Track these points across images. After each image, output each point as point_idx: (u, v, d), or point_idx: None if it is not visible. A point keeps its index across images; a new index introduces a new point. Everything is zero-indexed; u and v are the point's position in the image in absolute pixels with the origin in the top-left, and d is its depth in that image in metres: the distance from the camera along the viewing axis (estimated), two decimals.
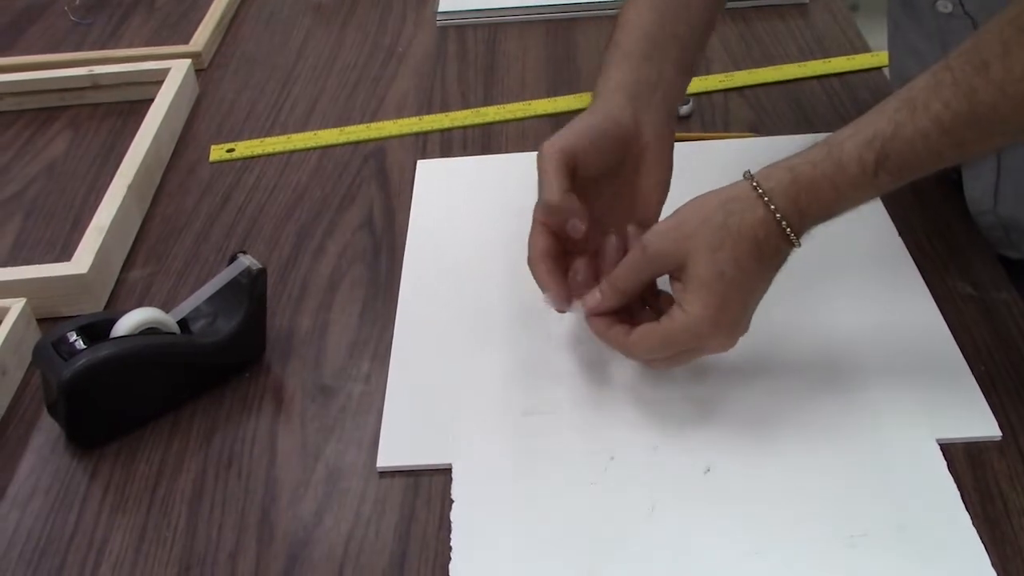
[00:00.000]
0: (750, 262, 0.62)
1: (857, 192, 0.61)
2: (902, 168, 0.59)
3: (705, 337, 0.63)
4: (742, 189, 0.63)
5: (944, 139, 0.58)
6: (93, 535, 0.65)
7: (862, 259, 0.79)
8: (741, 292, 0.63)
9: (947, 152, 0.59)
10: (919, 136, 0.58)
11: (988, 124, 0.57)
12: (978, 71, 0.56)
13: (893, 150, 0.59)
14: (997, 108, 0.56)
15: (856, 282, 0.77)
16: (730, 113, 1.01)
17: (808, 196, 0.61)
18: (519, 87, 1.09)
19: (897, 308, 0.75)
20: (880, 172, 0.59)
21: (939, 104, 0.57)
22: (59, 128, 1.09)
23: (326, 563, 0.62)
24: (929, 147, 0.58)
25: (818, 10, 1.18)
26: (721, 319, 0.63)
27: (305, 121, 1.06)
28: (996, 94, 0.56)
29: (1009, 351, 0.71)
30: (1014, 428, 0.66)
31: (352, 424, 0.71)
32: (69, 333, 0.70)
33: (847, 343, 0.72)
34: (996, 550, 0.59)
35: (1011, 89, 0.55)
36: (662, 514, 0.62)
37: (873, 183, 0.60)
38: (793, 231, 0.62)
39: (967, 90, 0.56)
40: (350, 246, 0.88)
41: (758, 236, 0.62)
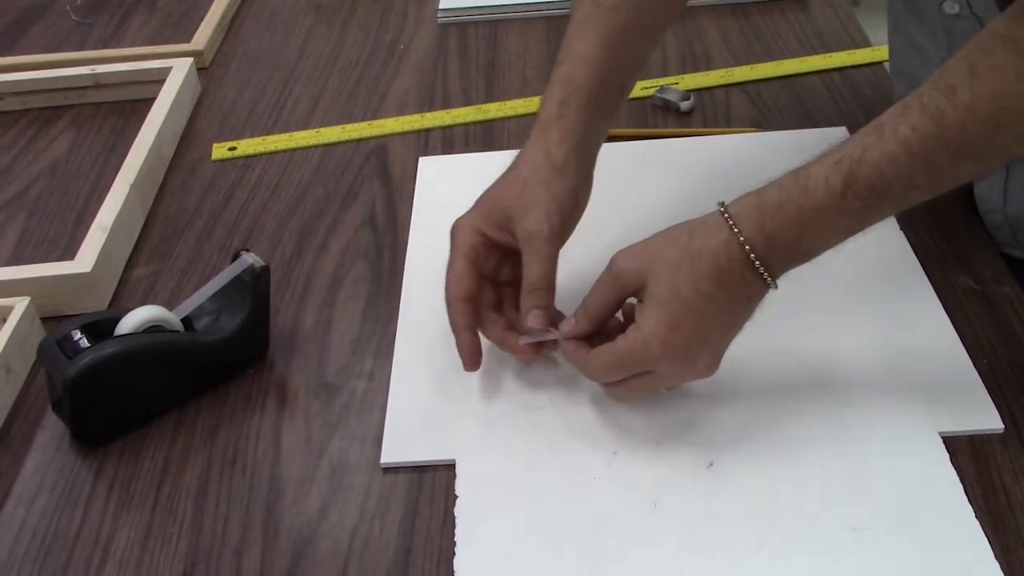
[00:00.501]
0: (710, 286, 0.61)
1: (826, 217, 0.59)
2: (871, 191, 0.58)
3: (655, 359, 0.62)
4: (710, 215, 0.63)
5: (913, 162, 0.57)
6: (98, 532, 0.65)
7: (864, 253, 0.79)
8: (697, 317, 0.61)
9: (917, 177, 0.57)
10: (886, 158, 0.57)
11: (957, 147, 0.56)
12: (946, 95, 0.56)
13: (860, 172, 0.58)
14: (966, 131, 0.55)
15: (858, 276, 0.77)
16: (731, 108, 1.01)
17: (774, 220, 0.60)
18: (520, 83, 1.09)
19: (900, 302, 0.75)
20: (848, 194, 0.58)
21: (907, 127, 0.57)
22: (62, 127, 1.09)
23: (331, 559, 0.62)
24: (897, 170, 0.57)
25: (818, 5, 1.18)
26: (671, 340, 0.61)
27: (307, 119, 1.07)
28: (964, 116, 0.55)
29: (1011, 345, 0.71)
30: (1016, 421, 0.66)
31: (356, 421, 0.71)
32: (73, 331, 0.70)
33: (850, 337, 0.72)
34: (999, 542, 0.59)
35: (979, 111, 0.55)
36: (666, 509, 0.62)
37: (841, 207, 0.59)
38: (759, 259, 0.60)
39: (935, 113, 0.56)
40: (353, 243, 0.88)
41: (720, 260, 0.61)
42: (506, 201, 0.69)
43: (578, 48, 0.71)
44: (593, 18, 0.71)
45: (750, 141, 0.95)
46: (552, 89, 0.71)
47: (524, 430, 0.68)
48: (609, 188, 0.76)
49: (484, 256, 0.70)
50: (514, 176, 0.70)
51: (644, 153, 0.94)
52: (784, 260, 0.61)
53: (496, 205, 0.69)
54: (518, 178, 0.69)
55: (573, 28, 0.72)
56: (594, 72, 0.70)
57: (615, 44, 0.71)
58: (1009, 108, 0.54)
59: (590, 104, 0.71)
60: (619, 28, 0.71)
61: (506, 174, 0.71)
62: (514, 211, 0.68)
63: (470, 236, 0.69)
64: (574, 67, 0.71)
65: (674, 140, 0.96)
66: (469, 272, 0.69)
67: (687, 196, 0.88)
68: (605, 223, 0.84)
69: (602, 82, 0.71)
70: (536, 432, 0.68)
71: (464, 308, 0.69)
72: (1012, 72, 0.54)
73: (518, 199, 0.68)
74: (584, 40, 0.71)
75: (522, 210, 0.68)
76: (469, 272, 0.69)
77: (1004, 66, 0.54)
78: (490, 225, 0.69)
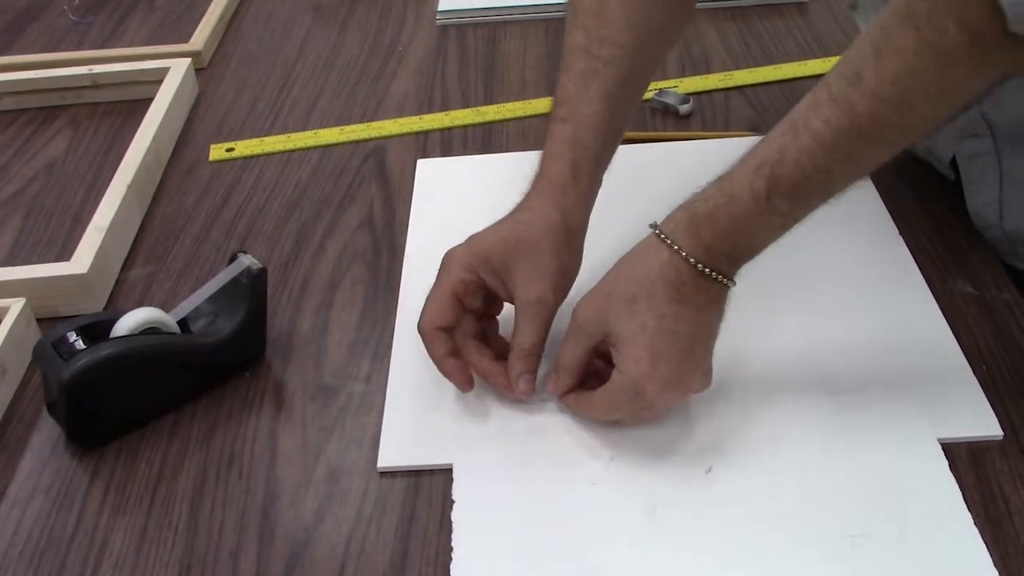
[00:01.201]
0: (671, 306, 0.61)
1: (756, 220, 0.60)
2: (795, 189, 0.58)
3: (650, 393, 0.62)
4: (648, 238, 0.63)
5: (829, 155, 0.57)
6: (94, 535, 0.65)
7: (863, 259, 0.79)
8: (675, 341, 0.61)
9: (837, 168, 0.58)
10: (804, 155, 0.57)
11: (870, 133, 0.56)
12: (852, 83, 0.55)
13: (782, 174, 0.58)
14: (877, 116, 0.55)
15: (857, 281, 0.77)
16: (730, 112, 1.01)
17: (708, 230, 0.61)
18: (519, 86, 1.09)
19: (898, 308, 0.74)
20: (773, 196, 0.58)
21: (819, 122, 0.56)
22: (59, 127, 1.09)
23: (327, 563, 0.62)
24: (816, 165, 0.57)
25: (818, 9, 1.18)
26: (657, 372, 0.61)
27: (305, 120, 1.06)
28: (872, 102, 0.55)
29: (1010, 350, 0.71)
30: (1016, 428, 0.66)
31: (353, 424, 0.71)
32: (69, 333, 0.70)
33: (848, 342, 0.72)
34: (997, 549, 0.59)
35: (886, 94, 0.54)
36: (663, 515, 0.62)
37: (769, 208, 0.59)
38: (706, 266, 0.61)
39: (844, 103, 0.55)
40: (350, 245, 0.87)
41: (670, 278, 0.61)
42: (514, 254, 0.68)
43: (580, 105, 0.71)
44: (591, 72, 0.71)
45: (749, 145, 0.94)
46: (559, 147, 0.70)
47: (521, 435, 0.68)
48: (608, 192, 0.75)
49: (472, 294, 0.69)
50: (526, 230, 0.68)
51: (643, 156, 0.94)
52: (731, 261, 0.62)
53: (502, 252, 0.68)
54: (531, 235, 0.68)
55: (573, 82, 0.71)
56: (599, 131, 0.71)
57: (615, 98, 0.71)
58: (914, 87, 0.54)
59: (597, 164, 0.71)
60: (617, 80, 0.71)
61: (516, 223, 0.69)
62: (519, 269, 0.67)
63: (463, 272, 0.68)
64: (579, 126, 0.70)
65: (673, 143, 0.96)
66: (452, 306, 0.68)
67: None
68: (604, 227, 0.84)
69: (607, 139, 0.72)
70: (533, 437, 0.68)
71: (441, 336, 0.69)
72: (911, 51, 0.53)
73: (527, 258, 0.67)
74: (585, 97, 0.71)
75: (529, 272, 0.67)
76: (452, 306, 0.68)
77: (904, 45, 0.53)
78: (487, 269, 0.68)
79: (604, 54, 0.71)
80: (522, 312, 0.68)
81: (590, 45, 0.71)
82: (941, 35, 0.52)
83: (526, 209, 0.70)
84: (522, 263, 0.68)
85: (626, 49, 0.71)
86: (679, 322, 0.61)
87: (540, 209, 0.69)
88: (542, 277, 0.67)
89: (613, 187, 0.78)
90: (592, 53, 0.71)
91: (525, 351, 0.68)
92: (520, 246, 0.68)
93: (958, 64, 0.52)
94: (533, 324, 0.67)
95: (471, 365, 0.69)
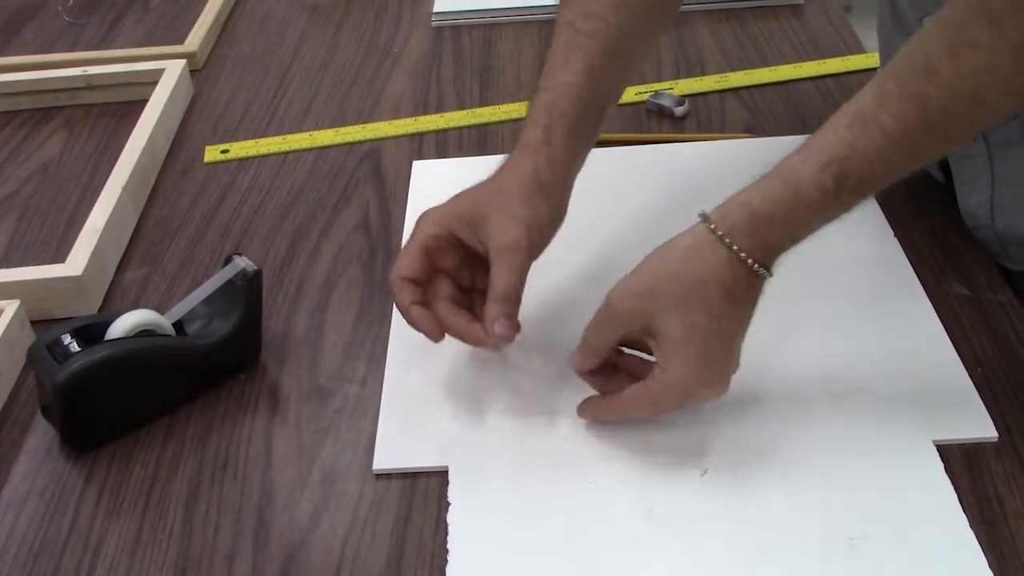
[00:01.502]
0: (723, 306, 0.61)
1: (820, 215, 0.60)
2: (861, 185, 0.59)
3: (695, 394, 0.63)
4: (700, 234, 0.62)
5: (898, 150, 0.57)
6: (88, 538, 0.65)
7: (858, 261, 0.79)
8: (721, 339, 0.62)
9: (902, 162, 0.58)
10: (873, 151, 0.57)
11: (940, 128, 0.56)
12: (925, 76, 0.55)
13: (851, 170, 0.58)
14: (948, 111, 0.55)
15: (852, 284, 0.77)
16: (725, 114, 1.01)
17: (768, 230, 0.60)
18: (515, 87, 1.09)
19: (893, 310, 0.75)
20: (842, 193, 0.59)
21: (889, 118, 0.56)
22: (53, 128, 1.09)
23: (322, 565, 0.62)
24: (884, 159, 0.57)
25: (813, 11, 1.18)
26: (705, 373, 0.62)
27: (300, 122, 1.06)
28: (946, 97, 0.55)
29: (1005, 353, 0.71)
30: (1011, 430, 0.66)
31: (348, 426, 0.71)
32: (64, 335, 0.69)
33: (844, 345, 0.72)
34: (993, 551, 0.59)
35: (960, 89, 0.54)
36: (659, 516, 0.62)
37: (835, 204, 0.59)
38: (761, 265, 0.61)
39: (916, 96, 0.55)
40: (346, 247, 0.87)
41: (725, 279, 0.61)
42: (486, 207, 0.68)
43: (562, 75, 0.71)
44: (575, 44, 0.71)
45: (744, 147, 0.95)
46: (537, 114, 0.71)
47: (517, 437, 0.68)
48: (604, 193, 0.76)
49: (443, 250, 0.69)
50: (497, 186, 0.69)
51: (638, 158, 0.94)
52: (779, 254, 0.62)
53: (473, 207, 0.69)
54: (502, 189, 0.69)
55: (556, 53, 0.72)
56: (578, 101, 0.71)
57: (596, 69, 0.71)
58: (989, 84, 0.54)
59: (574, 133, 0.71)
60: (600, 53, 0.71)
61: (488, 181, 0.70)
62: (492, 219, 0.68)
63: (434, 227, 0.69)
64: (558, 95, 0.71)
65: (668, 145, 0.96)
66: (420, 257, 0.68)
67: (681, 201, 0.87)
68: (599, 228, 0.84)
69: (587, 109, 0.71)
70: (529, 439, 0.68)
71: (409, 286, 0.68)
72: (988, 46, 0.53)
73: (499, 208, 0.68)
74: (567, 67, 0.71)
75: (501, 220, 0.67)
76: (420, 257, 0.68)
77: (979, 40, 0.53)
78: (460, 223, 0.69)
79: (588, 28, 0.71)
80: (496, 258, 0.67)
81: (575, 20, 0.72)
82: (1020, 31, 0.51)
83: (499, 171, 0.70)
84: (494, 214, 0.68)
85: (611, 25, 0.71)
86: (728, 321, 0.62)
87: (511, 168, 0.70)
88: (514, 223, 0.67)
89: (608, 188, 0.79)
90: (576, 27, 0.72)
91: (501, 295, 0.67)
92: (492, 199, 0.68)
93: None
94: (508, 269, 0.67)
95: (448, 325, 0.69)
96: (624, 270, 0.76)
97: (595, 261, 0.82)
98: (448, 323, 0.69)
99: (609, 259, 0.82)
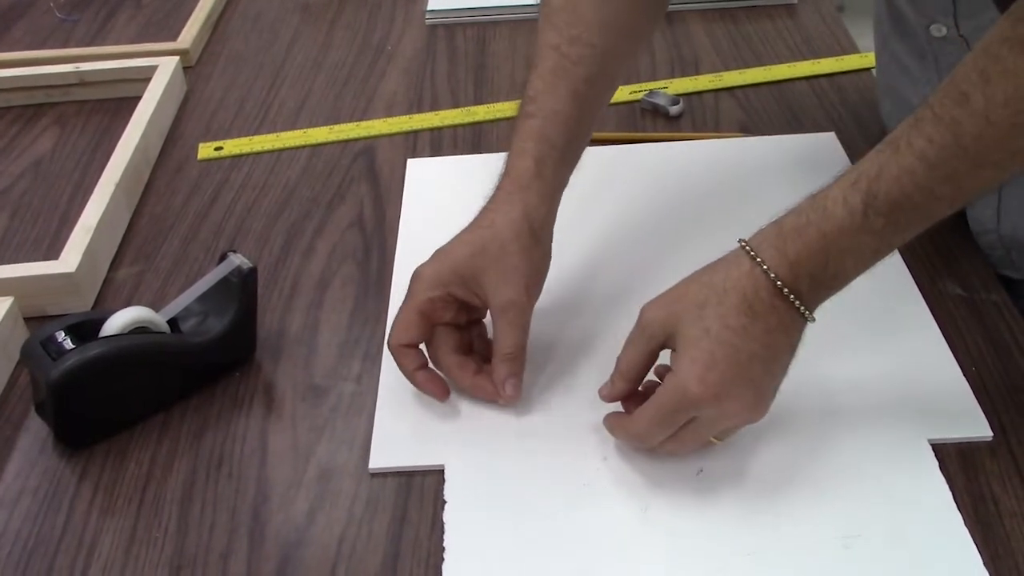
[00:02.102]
0: (739, 318, 0.59)
1: (848, 238, 0.58)
2: (893, 208, 0.57)
3: (695, 400, 0.59)
4: (732, 249, 0.62)
5: (932, 174, 0.56)
6: (82, 536, 0.65)
7: None
8: (731, 351, 0.59)
9: (939, 188, 0.57)
10: (904, 173, 0.57)
11: (975, 155, 0.56)
12: (958, 103, 0.55)
13: (880, 190, 0.57)
14: (982, 137, 0.55)
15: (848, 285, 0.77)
16: (720, 113, 1.01)
17: (795, 245, 0.59)
18: (509, 86, 1.09)
19: (889, 311, 0.75)
20: (869, 212, 0.57)
21: (922, 140, 0.56)
22: (46, 124, 1.08)
23: (318, 564, 0.62)
24: (917, 183, 0.56)
25: (806, 11, 1.18)
26: (708, 378, 0.59)
27: (294, 119, 1.06)
28: (980, 123, 0.55)
29: (1000, 352, 0.71)
30: (1005, 429, 0.66)
31: (343, 424, 0.71)
32: (58, 332, 0.69)
33: (839, 345, 0.72)
34: (988, 550, 0.59)
35: (994, 116, 0.54)
36: (655, 515, 0.62)
37: (864, 226, 0.58)
38: (786, 285, 0.59)
39: (949, 122, 0.55)
40: (340, 245, 0.87)
41: (746, 291, 0.59)
42: (480, 260, 0.67)
43: (548, 102, 0.71)
44: (561, 70, 0.71)
45: (739, 146, 0.95)
46: (525, 142, 0.70)
47: (513, 435, 0.68)
48: (599, 192, 0.76)
49: (441, 309, 0.69)
50: (491, 235, 0.68)
51: (633, 157, 0.94)
52: (814, 287, 0.60)
53: (468, 261, 0.68)
54: (494, 238, 0.68)
55: (541, 78, 0.72)
56: (566, 128, 0.71)
57: (583, 96, 0.71)
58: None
59: (562, 161, 0.71)
60: (585, 80, 0.71)
61: (480, 229, 0.69)
62: (488, 274, 0.67)
63: (430, 290, 0.68)
64: (546, 123, 0.70)
65: (663, 144, 0.96)
66: (418, 323, 0.68)
67: (676, 200, 0.88)
68: (594, 227, 0.84)
69: (573, 137, 0.71)
70: (525, 438, 0.68)
71: (408, 352, 0.69)
72: (1020, 73, 0.53)
73: (495, 262, 0.67)
74: (554, 94, 0.71)
75: (499, 276, 0.67)
76: (418, 323, 0.68)
77: (1015, 69, 0.53)
78: (457, 282, 0.68)
79: (575, 53, 0.71)
80: (498, 317, 0.68)
81: (561, 44, 0.71)
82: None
83: (490, 212, 0.70)
84: (491, 269, 0.67)
85: (597, 49, 0.71)
86: (743, 337, 0.59)
87: (504, 211, 0.69)
88: (513, 279, 0.67)
89: (603, 187, 0.79)
90: (562, 52, 0.71)
91: (507, 355, 0.67)
92: (487, 252, 0.68)
93: None
94: (511, 327, 0.67)
95: (455, 380, 0.69)
96: (618, 269, 0.76)
97: (589, 260, 0.82)
98: (455, 379, 0.70)
99: (603, 258, 0.82)
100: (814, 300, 0.60)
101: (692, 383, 0.59)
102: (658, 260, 0.80)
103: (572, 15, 0.72)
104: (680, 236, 0.83)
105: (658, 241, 0.83)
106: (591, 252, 0.82)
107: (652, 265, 0.80)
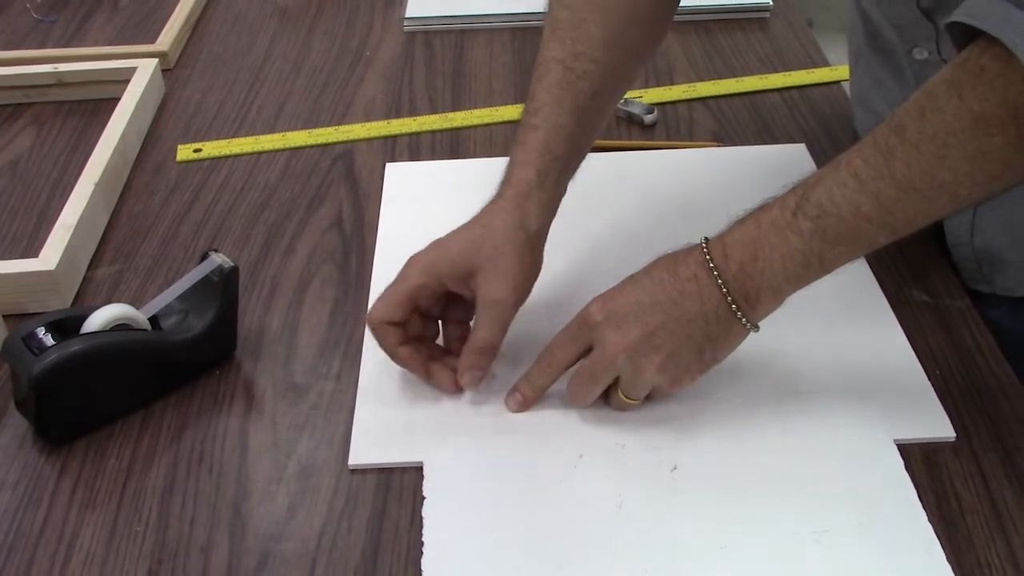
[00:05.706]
0: (660, 273, 0.66)
1: (778, 235, 0.63)
2: (820, 214, 0.61)
3: (590, 317, 0.66)
4: None
5: (861, 188, 0.60)
6: (63, 531, 0.65)
7: None
8: (640, 292, 0.66)
9: (865, 205, 0.61)
10: (837, 184, 0.61)
11: (901, 179, 0.59)
12: (896, 132, 0.60)
13: (812, 195, 0.62)
14: (910, 164, 0.59)
15: (817, 291, 0.79)
16: (694, 122, 1.03)
17: (733, 231, 0.65)
18: (487, 93, 1.10)
19: (856, 315, 0.77)
20: (799, 214, 0.62)
21: (859, 160, 0.61)
22: (23, 124, 1.08)
23: (299, 558, 0.62)
24: (845, 196, 0.61)
25: (778, 24, 1.21)
26: (608, 304, 0.66)
27: (273, 123, 1.07)
28: (910, 152, 0.59)
29: (963, 356, 0.74)
30: (968, 430, 0.68)
31: (323, 422, 0.71)
32: (39, 328, 0.69)
33: (808, 348, 0.74)
34: (951, 546, 0.61)
35: (924, 146, 0.58)
36: (630, 510, 0.64)
37: (793, 225, 0.62)
38: (713, 261, 0.64)
39: (885, 148, 0.60)
40: (320, 246, 0.88)
41: (678, 256, 0.66)
42: (475, 258, 0.69)
43: (553, 115, 0.73)
44: (566, 83, 0.73)
45: (711, 155, 0.97)
46: (530, 154, 0.72)
47: (491, 433, 0.69)
48: (574, 199, 0.77)
49: (427, 298, 0.71)
50: (486, 234, 0.70)
51: (608, 165, 0.95)
52: (741, 274, 0.64)
53: (463, 257, 0.70)
54: (490, 238, 0.70)
55: (547, 91, 0.73)
56: (569, 142, 0.73)
57: (586, 111, 0.73)
58: (951, 145, 0.58)
59: (564, 173, 0.73)
60: (590, 94, 0.73)
61: (479, 228, 0.71)
62: (481, 271, 0.69)
63: (424, 278, 0.70)
64: (551, 136, 0.72)
65: (638, 152, 0.98)
66: (403, 305, 0.70)
67: (650, 207, 0.90)
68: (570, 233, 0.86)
69: (575, 150, 0.74)
70: (503, 435, 0.69)
71: (390, 328, 0.70)
72: (952, 113, 0.58)
73: (488, 261, 0.69)
74: (559, 107, 0.73)
75: (490, 274, 0.69)
76: (403, 305, 0.70)
77: (945, 108, 0.58)
78: (450, 272, 0.70)
79: (579, 67, 0.73)
80: (483, 310, 0.69)
81: (566, 58, 0.73)
82: (982, 104, 0.56)
83: (490, 213, 0.71)
84: (486, 266, 0.69)
85: (601, 65, 0.73)
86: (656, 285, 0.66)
87: (502, 216, 0.71)
88: (504, 279, 0.69)
89: (579, 194, 0.80)
90: (567, 66, 0.73)
91: (479, 348, 0.69)
92: (483, 250, 0.70)
93: (995, 133, 0.57)
94: (492, 323, 0.69)
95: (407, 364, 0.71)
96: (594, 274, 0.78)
97: (565, 266, 0.83)
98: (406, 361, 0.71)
99: (579, 263, 0.83)
100: (739, 286, 0.64)
101: (595, 303, 0.66)
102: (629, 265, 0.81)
103: (577, 31, 0.73)
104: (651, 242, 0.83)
105: (631, 247, 0.84)
106: (567, 258, 0.84)
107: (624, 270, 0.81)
